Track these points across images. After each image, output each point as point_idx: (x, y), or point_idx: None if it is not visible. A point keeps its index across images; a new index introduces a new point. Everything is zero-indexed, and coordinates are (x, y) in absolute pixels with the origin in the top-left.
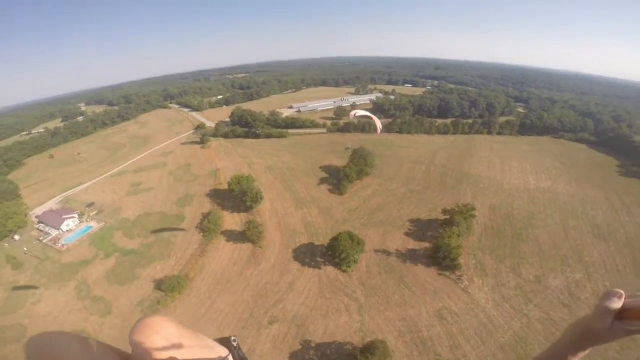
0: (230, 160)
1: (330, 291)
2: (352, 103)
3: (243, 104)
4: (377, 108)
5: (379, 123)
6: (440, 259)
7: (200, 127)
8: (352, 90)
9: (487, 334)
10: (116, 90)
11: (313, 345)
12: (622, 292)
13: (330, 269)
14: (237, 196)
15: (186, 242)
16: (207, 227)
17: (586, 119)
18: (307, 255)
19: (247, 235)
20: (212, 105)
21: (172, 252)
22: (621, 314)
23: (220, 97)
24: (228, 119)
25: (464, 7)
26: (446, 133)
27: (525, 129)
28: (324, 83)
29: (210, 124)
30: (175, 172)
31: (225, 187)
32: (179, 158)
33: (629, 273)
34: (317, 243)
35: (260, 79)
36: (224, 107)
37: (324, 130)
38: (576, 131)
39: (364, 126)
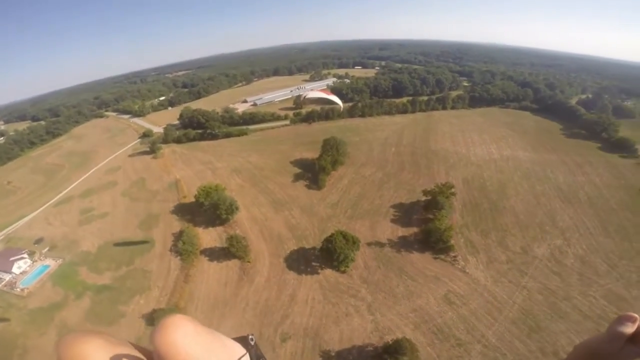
0: (190, 167)
1: (334, 295)
2: (309, 90)
3: (190, 103)
4: (335, 93)
5: (336, 98)
6: (433, 242)
7: (147, 134)
8: (307, 77)
9: (496, 310)
10: (38, 102)
11: (333, 354)
12: (636, 316)
13: (328, 272)
14: (209, 209)
15: (164, 269)
16: (183, 249)
17: (526, 89)
18: (301, 261)
19: (232, 252)
20: (155, 108)
21: (152, 282)
22: (633, 337)
23: (162, 98)
24: (177, 122)
25: None
26: (405, 112)
27: (474, 101)
28: (276, 72)
29: (158, 129)
30: (128, 190)
31: (192, 199)
32: (130, 173)
33: (599, 234)
34: (307, 246)
35: (205, 75)
36: (170, 108)
37: (287, 122)
38: (519, 100)
39: (328, 113)
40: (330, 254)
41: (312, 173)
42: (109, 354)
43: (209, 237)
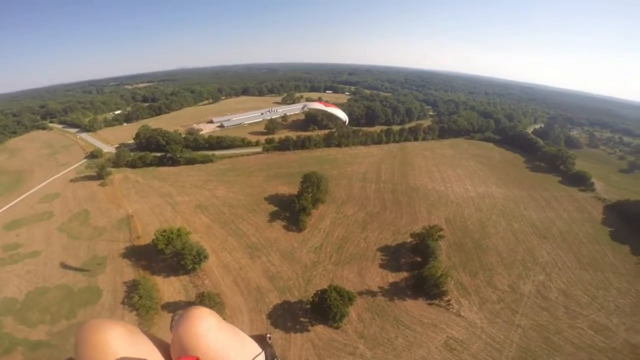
0: (145, 200)
1: (330, 355)
2: (282, 114)
3: (149, 119)
4: (310, 119)
5: (339, 112)
6: (427, 289)
7: (95, 154)
8: (278, 99)
9: (496, 352)
10: None
11: None
12: None
13: (320, 328)
14: (170, 257)
15: None
16: (139, 303)
17: (488, 120)
18: (287, 317)
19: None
20: (109, 123)
21: None
22: None
23: (118, 112)
24: (132, 141)
25: (369, 18)
26: (380, 142)
27: (443, 132)
28: (246, 92)
29: (109, 149)
30: (67, 225)
31: (147, 240)
32: (71, 203)
33: (575, 267)
34: (292, 299)
35: (168, 89)
36: (125, 124)
37: (259, 150)
38: (482, 131)
39: (304, 141)
40: (323, 311)
41: (290, 212)
42: (128, 343)
43: (172, 288)
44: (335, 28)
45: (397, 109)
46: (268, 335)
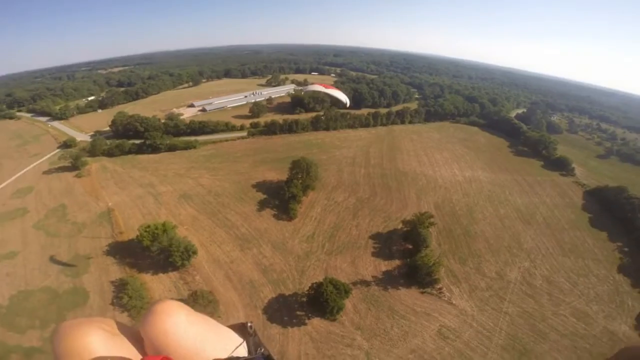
0: (125, 191)
1: (328, 347)
2: (267, 97)
3: (126, 105)
4: (296, 101)
5: (340, 94)
6: (420, 278)
7: (68, 143)
8: (262, 81)
9: (487, 339)
10: None
11: None
12: None
13: (316, 321)
14: (157, 254)
15: None
16: (129, 304)
17: (473, 104)
18: (283, 311)
19: (195, 308)
20: (82, 110)
21: None
22: None
23: (92, 98)
24: (108, 128)
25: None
26: (367, 125)
27: (429, 115)
28: (228, 74)
29: (84, 137)
30: (44, 222)
31: (131, 235)
32: (46, 197)
33: (557, 254)
34: (287, 292)
35: (145, 73)
36: (100, 111)
37: (244, 134)
38: (468, 115)
39: (291, 125)
40: (319, 304)
41: (279, 199)
42: (108, 341)
43: (162, 286)
44: (320, 9)
45: (383, 91)
46: (249, 324)
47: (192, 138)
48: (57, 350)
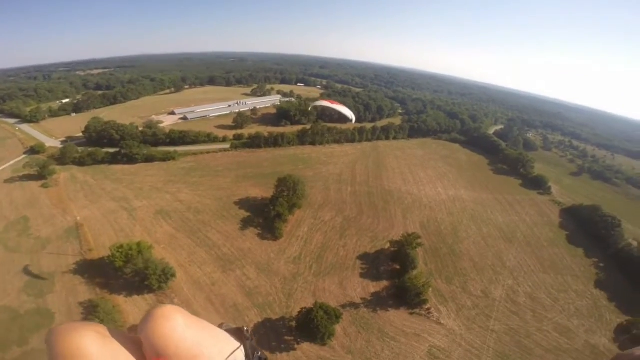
0: (96, 205)
1: None
2: (252, 107)
3: (102, 109)
4: (282, 113)
5: (347, 110)
6: (409, 299)
7: (36, 149)
8: (247, 90)
9: (476, 357)
10: None
11: None
12: None
13: (306, 346)
14: (131, 275)
15: None
16: None
17: (455, 120)
18: (271, 336)
19: None
20: (54, 114)
21: None
22: None
23: (66, 100)
24: (81, 134)
25: (341, 13)
26: (353, 141)
27: (412, 131)
28: (212, 82)
29: (54, 143)
30: (2, 236)
31: (101, 253)
32: (6, 209)
33: (538, 271)
34: (274, 317)
35: (125, 76)
36: (73, 115)
37: (226, 146)
38: (449, 132)
39: (276, 139)
40: (310, 330)
41: (263, 218)
42: (103, 346)
43: (136, 309)
44: (308, 19)
45: (369, 106)
46: (245, 328)
47: (172, 149)
48: (51, 353)
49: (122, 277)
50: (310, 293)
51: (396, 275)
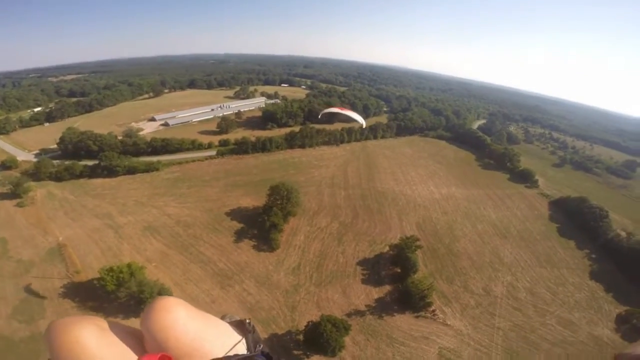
0: (78, 223)
1: None
2: (236, 110)
3: (78, 118)
4: (268, 116)
5: (356, 115)
6: (414, 302)
7: (7, 164)
8: (230, 93)
9: (486, 356)
10: None
11: None
12: None
13: (316, 359)
14: (125, 299)
15: None
16: None
17: (439, 117)
18: (279, 352)
19: None
20: (25, 124)
21: None
22: None
23: (38, 109)
24: (55, 146)
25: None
26: (342, 142)
27: (399, 129)
28: (192, 85)
29: (27, 157)
30: None
31: (90, 275)
32: None
33: (534, 265)
34: (280, 331)
35: (101, 82)
36: (46, 124)
37: (212, 153)
38: (435, 128)
39: (264, 143)
40: (318, 344)
41: (257, 228)
42: (102, 339)
43: None
44: (289, 19)
45: (355, 105)
46: (247, 320)
47: (154, 158)
48: (50, 347)
49: (115, 299)
50: (313, 304)
51: (397, 279)
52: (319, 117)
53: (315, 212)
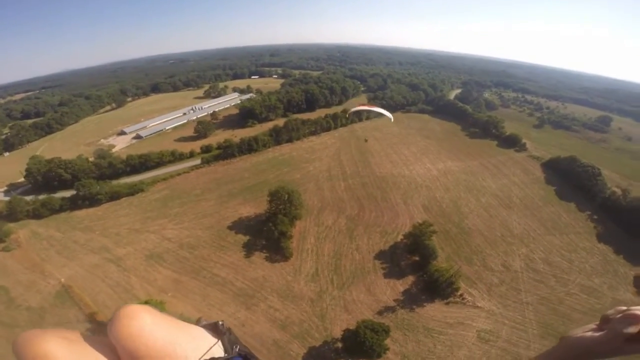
0: (75, 261)
1: None
2: (210, 111)
3: (39, 142)
4: (246, 112)
5: (388, 113)
6: (441, 290)
7: None
8: (199, 92)
9: (523, 332)
10: None
11: None
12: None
13: None
14: None
15: None
16: None
17: (418, 92)
18: None
19: None
20: None
21: None
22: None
23: None
24: (23, 179)
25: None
26: (329, 129)
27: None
28: (156, 89)
29: None
30: None
31: (108, 314)
32: None
33: (544, 233)
34: (316, 343)
35: (54, 98)
36: (6, 154)
37: (197, 162)
38: (415, 103)
39: (250, 143)
40: (361, 351)
41: (265, 238)
42: (71, 351)
43: None
44: (248, 9)
45: (333, 89)
46: (221, 322)
47: (136, 178)
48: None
49: None
50: (342, 308)
51: (418, 268)
52: (347, 116)
53: (320, 209)
